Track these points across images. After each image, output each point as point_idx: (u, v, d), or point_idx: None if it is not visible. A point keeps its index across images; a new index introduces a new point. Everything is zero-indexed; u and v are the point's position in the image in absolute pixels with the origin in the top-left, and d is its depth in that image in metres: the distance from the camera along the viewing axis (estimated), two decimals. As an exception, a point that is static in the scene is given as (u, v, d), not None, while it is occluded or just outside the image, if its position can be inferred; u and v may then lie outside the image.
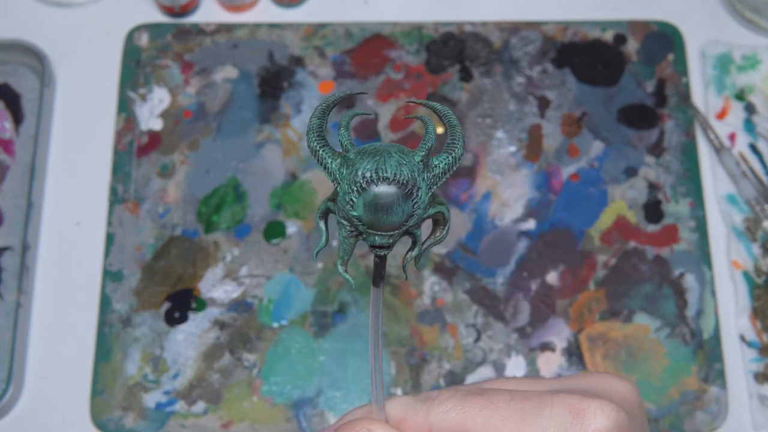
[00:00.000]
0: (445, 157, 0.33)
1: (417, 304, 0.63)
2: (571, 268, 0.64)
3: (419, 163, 0.32)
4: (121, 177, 0.66)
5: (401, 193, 0.32)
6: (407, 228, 0.33)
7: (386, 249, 0.34)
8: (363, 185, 0.32)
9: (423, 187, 0.32)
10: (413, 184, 0.32)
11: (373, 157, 0.32)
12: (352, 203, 0.33)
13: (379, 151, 0.32)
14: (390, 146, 0.33)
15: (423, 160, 0.32)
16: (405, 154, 0.32)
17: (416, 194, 0.32)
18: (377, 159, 0.32)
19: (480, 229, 0.65)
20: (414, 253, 0.35)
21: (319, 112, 0.34)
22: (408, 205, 0.32)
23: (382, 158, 0.32)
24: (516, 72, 0.69)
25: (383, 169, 0.32)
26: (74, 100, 0.69)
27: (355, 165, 0.32)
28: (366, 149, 0.32)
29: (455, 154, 0.33)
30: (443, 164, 0.33)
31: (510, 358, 0.62)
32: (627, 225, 0.65)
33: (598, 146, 0.67)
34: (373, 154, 0.32)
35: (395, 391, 0.61)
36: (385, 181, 0.32)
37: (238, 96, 0.69)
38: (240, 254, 0.64)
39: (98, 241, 0.65)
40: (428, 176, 0.33)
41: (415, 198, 0.32)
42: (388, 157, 0.32)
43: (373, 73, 0.69)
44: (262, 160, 0.67)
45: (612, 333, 0.62)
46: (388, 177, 0.32)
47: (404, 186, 0.32)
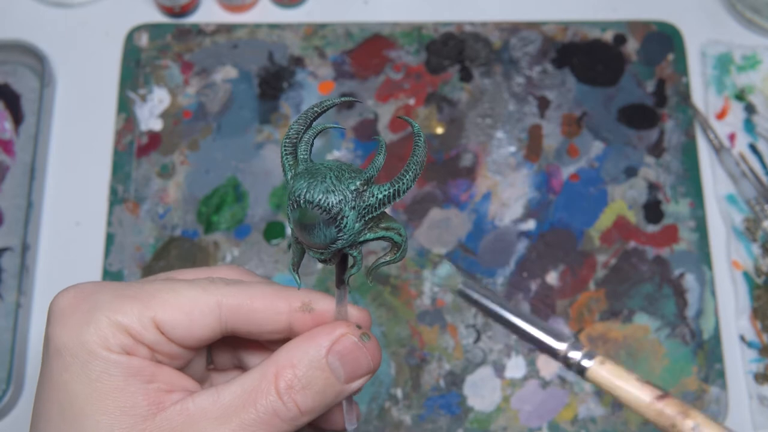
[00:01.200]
0: (387, 188, 0.33)
1: (417, 304, 0.62)
2: (571, 268, 0.64)
3: (353, 191, 0.33)
4: (120, 177, 0.66)
5: (323, 219, 0.33)
6: (339, 248, 0.34)
7: (324, 262, 0.35)
8: (293, 203, 0.33)
9: (350, 215, 0.33)
10: (337, 211, 0.33)
11: (308, 179, 0.33)
12: (287, 217, 0.34)
13: (319, 172, 0.33)
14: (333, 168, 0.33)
15: (359, 188, 0.33)
16: (341, 180, 0.33)
17: (340, 221, 0.33)
18: (310, 181, 0.32)
19: (480, 230, 0.65)
20: (353, 271, 0.35)
21: (302, 119, 0.35)
22: (331, 230, 0.33)
23: (314, 181, 0.32)
24: (516, 72, 0.69)
25: (310, 193, 0.32)
26: (74, 101, 0.69)
27: (294, 182, 0.33)
28: (310, 168, 0.33)
29: (398, 187, 0.33)
30: (382, 195, 0.33)
31: (510, 359, 0.61)
32: (627, 225, 0.65)
33: (598, 146, 0.67)
34: (311, 175, 0.33)
35: (395, 392, 0.60)
36: (309, 205, 0.32)
37: (238, 96, 0.68)
38: (240, 255, 0.64)
39: (98, 241, 0.64)
40: (360, 205, 0.33)
41: (339, 224, 0.33)
42: (321, 182, 0.32)
43: (373, 73, 0.69)
44: (262, 160, 0.66)
45: (612, 333, 0.62)
46: (311, 201, 0.32)
47: (327, 212, 0.32)
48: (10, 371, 0.59)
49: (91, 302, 0.35)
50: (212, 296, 0.36)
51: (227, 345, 0.41)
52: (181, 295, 0.36)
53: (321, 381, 0.36)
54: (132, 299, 0.35)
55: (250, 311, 0.37)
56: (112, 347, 0.34)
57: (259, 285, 0.38)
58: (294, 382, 0.35)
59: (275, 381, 0.35)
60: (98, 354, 0.34)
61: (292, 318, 0.37)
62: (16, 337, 0.60)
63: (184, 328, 0.36)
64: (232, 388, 0.35)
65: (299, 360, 0.36)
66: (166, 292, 0.36)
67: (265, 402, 0.35)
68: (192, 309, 0.36)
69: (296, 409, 0.35)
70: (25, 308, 0.62)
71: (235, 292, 0.37)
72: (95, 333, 0.34)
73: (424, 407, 0.60)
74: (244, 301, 0.37)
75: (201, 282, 0.37)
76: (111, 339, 0.34)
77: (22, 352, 0.61)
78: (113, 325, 0.34)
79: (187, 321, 0.36)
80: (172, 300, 0.36)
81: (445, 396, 0.60)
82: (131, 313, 0.35)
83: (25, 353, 0.61)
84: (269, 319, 0.37)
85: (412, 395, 0.60)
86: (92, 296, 0.35)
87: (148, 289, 0.36)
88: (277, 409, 0.35)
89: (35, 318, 0.62)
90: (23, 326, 0.61)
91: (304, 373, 0.36)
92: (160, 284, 0.36)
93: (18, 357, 0.60)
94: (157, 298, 0.36)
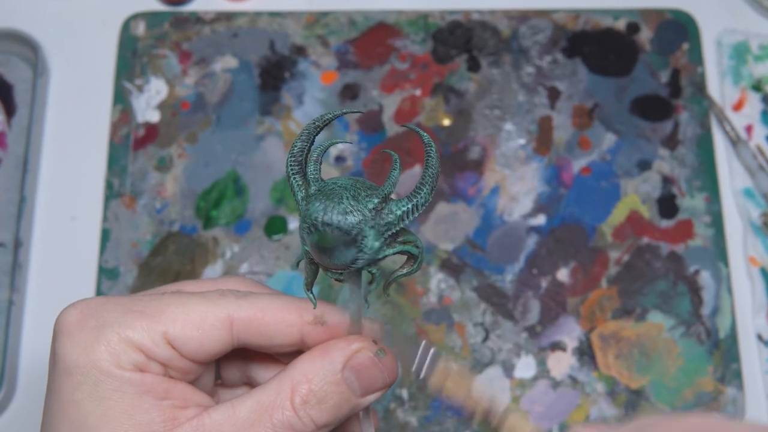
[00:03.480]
0: (405, 204, 0.33)
1: (423, 302, 0.62)
2: (583, 264, 0.63)
3: (371, 210, 0.33)
4: (116, 171, 0.65)
5: (343, 240, 0.33)
6: (359, 267, 0.34)
7: (339, 281, 0.36)
8: (310, 227, 0.33)
9: (370, 235, 0.33)
10: (357, 232, 0.33)
11: (324, 200, 0.33)
12: (303, 239, 0.34)
13: (334, 193, 0.33)
14: (348, 187, 0.33)
15: (377, 207, 0.33)
16: (358, 199, 0.33)
17: (360, 242, 0.33)
18: (326, 203, 0.33)
19: (488, 225, 0.64)
20: (373, 287, 0.36)
21: (305, 136, 0.35)
22: (351, 251, 0.33)
23: (331, 203, 0.33)
24: (525, 62, 0.68)
25: (328, 216, 0.32)
26: (68, 91, 0.68)
27: (309, 204, 0.33)
28: (324, 189, 0.33)
29: (416, 202, 0.34)
30: (400, 212, 0.33)
31: (519, 358, 0.61)
32: (640, 220, 0.64)
33: (611, 138, 0.66)
34: (326, 197, 0.33)
35: (400, 393, 0.59)
36: (328, 227, 0.32)
37: (238, 87, 0.67)
38: (240, 250, 0.63)
39: (93, 237, 0.64)
40: (380, 224, 0.33)
41: (359, 245, 0.33)
42: (338, 203, 0.32)
43: (378, 62, 0.68)
44: (262, 152, 0.66)
45: (625, 332, 0.61)
46: (330, 223, 0.32)
47: (347, 234, 0.33)
48: (2, 371, 0.59)
49: (99, 319, 0.35)
50: (223, 310, 0.37)
51: (236, 358, 0.41)
52: (191, 309, 0.36)
53: (336, 396, 0.37)
54: (141, 315, 0.35)
55: (261, 324, 0.37)
56: (124, 365, 0.35)
57: (270, 297, 0.38)
58: (309, 397, 0.36)
59: (291, 396, 0.36)
60: (110, 372, 0.34)
61: (304, 331, 0.38)
62: (8, 336, 0.59)
63: (196, 343, 0.36)
64: (247, 403, 0.36)
65: (314, 375, 0.36)
66: (176, 306, 0.36)
67: (281, 417, 0.36)
68: (203, 323, 0.36)
69: (312, 424, 0.36)
70: (18, 306, 0.61)
71: (246, 306, 0.37)
72: (106, 351, 0.34)
73: (431, 408, 0.59)
74: (255, 314, 0.37)
75: (211, 295, 0.37)
76: (122, 356, 0.35)
77: (15, 352, 0.60)
78: (124, 341, 0.35)
79: (198, 335, 0.36)
80: (182, 314, 0.36)
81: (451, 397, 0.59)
82: (141, 329, 0.35)
83: (17, 352, 0.61)
84: (281, 332, 0.38)
85: (418, 396, 0.60)
86: (100, 313, 0.35)
87: (157, 303, 0.36)
88: (293, 424, 0.36)
89: (28, 316, 0.62)
90: (16, 325, 0.61)
91: (319, 387, 0.36)
92: (169, 298, 0.37)
93: (10, 356, 0.59)
94: (167, 313, 0.36)
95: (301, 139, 0.35)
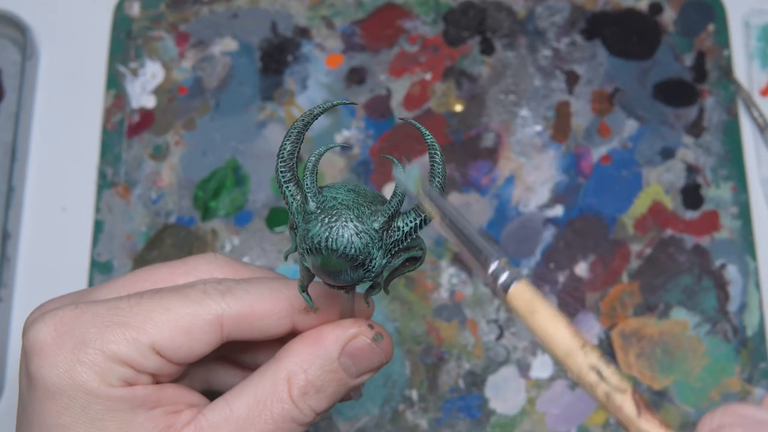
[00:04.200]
0: (412, 219, 0.33)
1: (434, 297, 0.61)
2: (602, 258, 0.61)
3: (378, 231, 0.32)
4: (110, 159, 0.64)
5: (350, 265, 0.32)
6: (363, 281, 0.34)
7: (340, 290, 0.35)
8: (312, 249, 0.32)
9: (378, 256, 0.32)
10: (365, 256, 0.32)
11: (327, 222, 0.32)
12: (303, 256, 0.33)
13: (335, 213, 0.32)
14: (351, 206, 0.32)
15: (384, 226, 0.32)
16: (363, 220, 0.32)
17: (368, 264, 0.32)
18: (329, 227, 0.31)
19: (502, 216, 0.63)
20: (375, 292, 0.35)
21: (294, 135, 0.34)
22: (358, 272, 0.32)
23: (334, 226, 0.32)
24: (542, 44, 0.67)
25: (332, 242, 0.31)
26: (59, 75, 0.67)
27: (309, 225, 0.32)
28: (324, 206, 0.32)
29: (425, 215, 0.33)
30: (408, 228, 0.33)
31: (536, 357, 0.60)
32: (663, 211, 0.63)
33: (632, 125, 0.65)
34: (329, 217, 0.32)
35: (410, 394, 0.59)
36: (333, 253, 0.32)
37: (238, 71, 0.66)
38: (240, 243, 0.62)
39: (85, 229, 0.63)
40: (387, 242, 0.32)
41: (366, 266, 0.32)
42: (343, 227, 0.31)
43: (386, 45, 0.67)
44: (264, 140, 0.65)
45: (647, 329, 0.60)
46: (335, 249, 0.32)
47: (354, 259, 0.32)
48: (-12, 371, 0.58)
49: (77, 336, 0.34)
50: (211, 310, 0.36)
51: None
52: (177, 315, 0.35)
53: (335, 383, 0.37)
54: (124, 326, 0.35)
55: (252, 320, 0.37)
56: (113, 382, 0.34)
57: (257, 286, 0.37)
58: (308, 388, 0.36)
59: (288, 388, 0.36)
60: (100, 393, 0.34)
61: (296, 319, 0.38)
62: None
63: (185, 349, 0.35)
64: (243, 398, 0.36)
65: (310, 364, 0.36)
66: (161, 313, 0.35)
67: (280, 410, 0.36)
68: (191, 328, 0.36)
69: (312, 413, 0.37)
70: (6, 302, 0.60)
71: (234, 303, 0.36)
72: (92, 371, 0.34)
73: (442, 410, 0.59)
74: (244, 309, 0.36)
75: (193, 294, 0.36)
76: (110, 374, 0.34)
77: (3, 348, 0.59)
78: (110, 359, 0.34)
79: (187, 341, 0.35)
80: (169, 322, 0.35)
81: (464, 398, 0.59)
82: (127, 342, 0.34)
83: (5, 349, 0.60)
84: (272, 325, 0.37)
85: (429, 397, 0.59)
86: (77, 329, 0.35)
87: (138, 311, 0.35)
88: (294, 417, 0.36)
89: (16, 312, 0.61)
90: (4, 320, 0.60)
91: (317, 377, 0.36)
92: (150, 303, 0.36)
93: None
94: (152, 321, 0.35)
95: (291, 140, 0.34)
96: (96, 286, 0.39)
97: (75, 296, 0.39)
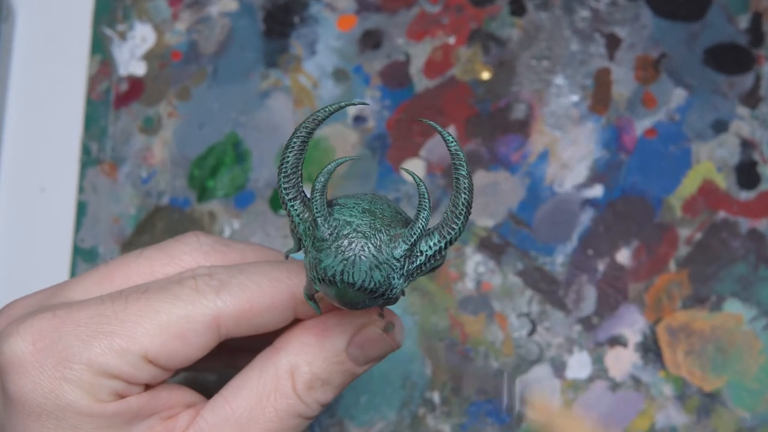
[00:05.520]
0: (436, 241, 0.32)
1: (458, 288, 0.59)
2: (647, 244, 0.59)
3: (399, 260, 0.31)
4: (95, 133, 0.63)
5: (369, 297, 0.31)
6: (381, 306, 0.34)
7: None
8: (326, 280, 0.31)
9: (398, 283, 0.32)
10: (386, 287, 0.31)
11: (342, 253, 0.30)
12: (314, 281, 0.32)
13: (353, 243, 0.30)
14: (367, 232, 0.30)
15: (406, 254, 0.31)
16: (382, 249, 0.31)
17: (389, 293, 0.31)
18: (346, 259, 0.30)
19: (535, 197, 0.60)
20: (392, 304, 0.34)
21: (297, 146, 0.32)
22: (377, 301, 0.32)
23: (351, 259, 0.30)
24: (579, 4, 0.64)
25: (348, 275, 0.30)
26: (38, 39, 0.65)
27: (321, 255, 0.31)
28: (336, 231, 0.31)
29: (451, 237, 0.32)
30: (432, 252, 0.32)
31: (572, 355, 0.58)
32: (715, 191, 0.60)
33: (680, 95, 0.62)
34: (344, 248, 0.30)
35: (431, 396, 0.57)
36: (350, 287, 0.31)
37: (239, 34, 0.64)
38: (241, 227, 0.61)
39: (67, 211, 0.61)
40: (409, 269, 0.31)
41: (386, 294, 0.31)
42: (360, 259, 0.30)
43: (404, 5, 0.64)
44: (268, 111, 0.62)
45: (697, 324, 0.58)
46: (352, 283, 0.30)
47: (373, 292, 0.31)
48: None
49: (59, 351, 0.33)
50: (205, 311, 0.35)
51: None
52: (168, 319, 0.34)
53: (341, 374, 0.37)
54: (111, 336, 0.33)
55: (251, 316, 0.36)
56: (103, 397, 0.34)
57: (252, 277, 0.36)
58: (313, 382, 0.36)
59: (292, 382, 0.36)
60: (91, 411, 0.33)
61: (298, 309, 0.37)
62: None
63: (180, 355, 0.35)
64: (243, 394, 0.36)
65: (315, 356, 0.36)
66: (150, 318, 0.34)
67: (285, 406, 0.36)
68: (186, 333, 0.34)
69: (318, 406, 0.37)
70: None
71: (231, 300, 0.35)
72: (79, 389, 0.33)
73: (467, 414, 0.57)
74: (242, 306, 0.35)
75: (185, 293, 0.35)
76: (99, 390, 0.33)
77: None
78: (98, 373, 0.33)
79: (182, 346, 0.34)
80: (160, 328, 0.34)
81: (492, 401, 0.58)
82: (116, 354, 0.33)
83: None
84: (273, 319, 0.36)
85: (452, 400, 0.58)
86: (58, 342, 0.33)
87: (125, 317, 0.34)
88: (300, 412, 0.36)
89: None
90: None
91: (322, 369, 0.36)
92: (137, 307, 0.34)
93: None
94: (142, 328, 0.34)
95: (294, 151, 0.32)
96: (66, 283, 0.37)
97: (45, 296, 0.37)
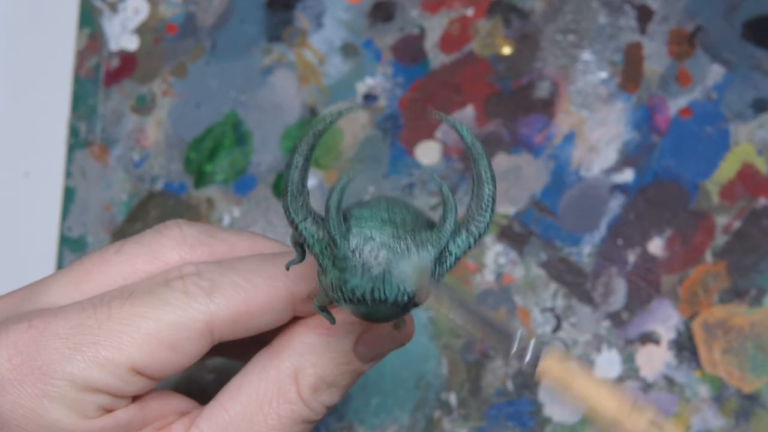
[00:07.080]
0: (464, 241, 0.32)
1: (477, 281, 0.57)
2: (681, 233, 0.57)
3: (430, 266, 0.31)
4: (83, 113, 0.61)
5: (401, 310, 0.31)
6: None
7: None
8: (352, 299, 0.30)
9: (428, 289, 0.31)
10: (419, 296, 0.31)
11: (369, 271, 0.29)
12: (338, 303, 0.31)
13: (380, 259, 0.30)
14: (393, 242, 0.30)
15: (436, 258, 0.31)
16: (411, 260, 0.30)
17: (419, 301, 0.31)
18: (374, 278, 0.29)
19: (560, 182, 0.58)
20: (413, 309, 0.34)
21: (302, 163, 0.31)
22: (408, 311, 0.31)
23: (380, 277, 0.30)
24: None
25: (381, 292, 0.30)
26: (21, 11, 0.63)
27: (345, 275, 0.30)
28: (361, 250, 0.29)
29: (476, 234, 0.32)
30: (460, 252, 0.32)
31: (600, 353, 0.56)
32: (755, 176, 0.58)
33: (717, 71, 0.60)
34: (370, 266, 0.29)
35: (447, 398, 0.56)
36: (383, 304, 0.30)
37: (239, 5, 0.62)
38: (242, 215, 0.59)
39: (53, 197, 0.60)
40: (440, 273, 0.31)
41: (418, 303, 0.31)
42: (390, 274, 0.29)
43: None
44: (270, 89, 0.61)
45: (735, 320, 0.56)
46: (386, 301, 0.30)
47: (406, 305, 0.30)
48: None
49: (38, 366, 0.32)
50: (197, 316, 0.34)
51: None
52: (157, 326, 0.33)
53: (349, 374, 0.36)
54: (95, 347, 0.32)
55: (247, 319, 0.35)
56: (89, 414, 0.33)
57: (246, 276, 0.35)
58: (319, 384, 0.35)
59: (296, 387, 0.35)
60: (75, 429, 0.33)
61: (298, 308, 0.36)
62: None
63: (171, 363, 0.34)
64: (242, 399, 0.35)
65: (320, 357, 0.35)
66: (137, 326, 0.33)
67: (289, 412, 0.35)
68: (176, 341, 0.33)
69: (324, 409, 0.36)
70: None
71: (224, 302, 0.34)
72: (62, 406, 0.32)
73: (486, 418, 0.56)
74: (238, 309, 0.34)
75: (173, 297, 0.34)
76: (84, 406, 0.32)
77: None
78: (83, 389, 0.32)
79: (172, 355, 0.34)
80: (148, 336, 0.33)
81: (513, 403, 0.57)
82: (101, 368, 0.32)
83: None
84: (270, 320, 0.35)
85: (470, 402, 0.56)
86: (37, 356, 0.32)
87: (109, 326, 0.33)
88: (305, 417, 0.35)
89: None
90: None
91: (329, 372, 0.35)
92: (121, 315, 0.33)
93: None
94: (128, 337, 0.33)
95: (298, 169, 0.31)
96: (40, 283, 0.36)
97: (17, 299, 0.35)
